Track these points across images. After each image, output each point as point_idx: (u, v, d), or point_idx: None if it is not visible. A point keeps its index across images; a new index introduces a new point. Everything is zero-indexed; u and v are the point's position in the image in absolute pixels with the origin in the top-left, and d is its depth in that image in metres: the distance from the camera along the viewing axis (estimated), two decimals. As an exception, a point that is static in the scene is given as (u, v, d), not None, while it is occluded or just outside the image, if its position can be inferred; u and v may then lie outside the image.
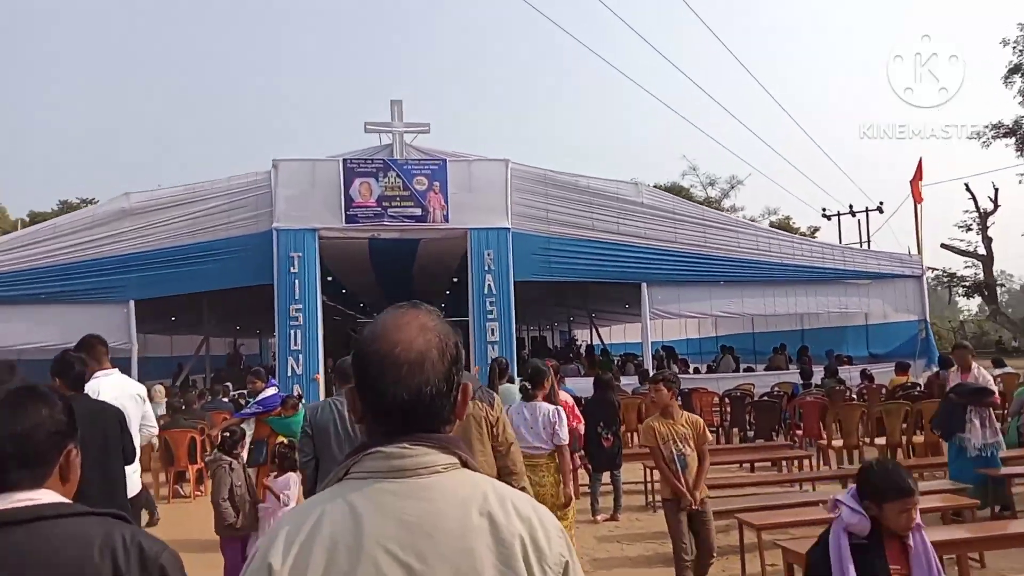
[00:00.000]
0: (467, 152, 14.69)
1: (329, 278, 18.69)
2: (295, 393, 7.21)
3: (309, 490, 4.41)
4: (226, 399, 12.13)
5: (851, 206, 31.52)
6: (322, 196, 13.86)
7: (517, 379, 7.63)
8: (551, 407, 5.27)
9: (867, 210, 30.62)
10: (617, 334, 31.30)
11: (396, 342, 1.12)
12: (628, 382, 13.23)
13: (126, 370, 14.36)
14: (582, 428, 6.58)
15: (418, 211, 13.93)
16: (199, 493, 9.12)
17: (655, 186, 19.97)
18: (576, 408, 6.65)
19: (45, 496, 1.36)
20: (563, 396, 6.22)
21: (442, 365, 1.13)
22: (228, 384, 14.65)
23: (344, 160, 13.89)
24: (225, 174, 14.30)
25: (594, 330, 20.49)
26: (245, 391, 12.79)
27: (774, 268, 14.88)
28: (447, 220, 14.03)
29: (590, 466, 7.61)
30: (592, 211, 14.60)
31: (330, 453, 4.17)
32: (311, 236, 13.82)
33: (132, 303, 13.74)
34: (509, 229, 14.23)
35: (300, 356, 13.54)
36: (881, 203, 30.50)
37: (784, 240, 15.04)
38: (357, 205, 13.81)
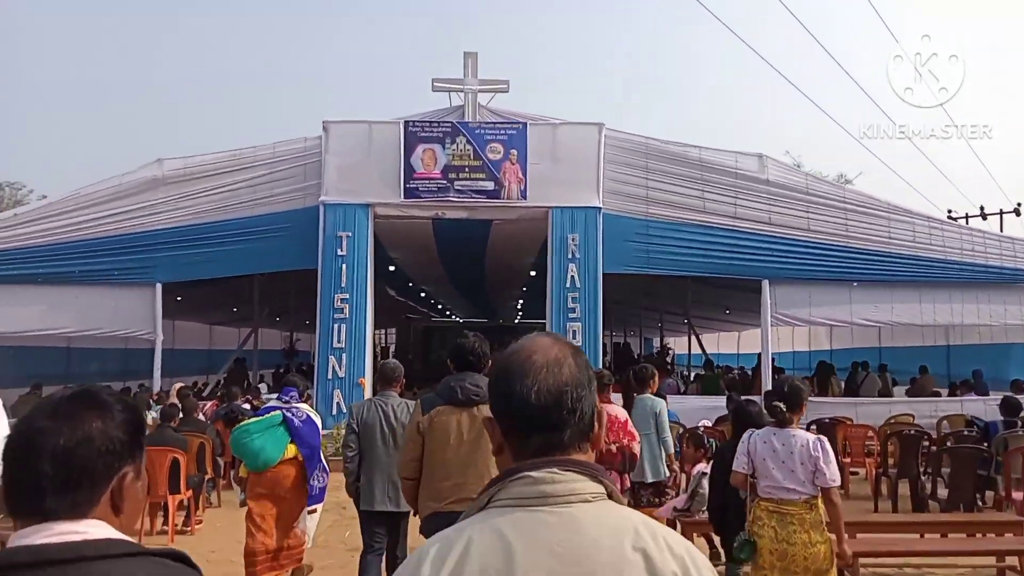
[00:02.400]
0: (551, 116, 12.19)
1: (392, 267, 16.60)
2: (242, 405, 4.83)
3: (352, 483, 4.69)
4: (248, 405, 10.02)
5: (982, 208, 27.53)
6: (378, 166, 11.66)
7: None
8: (811, 437, 4.01)
9: (1001, 212, 26.62)
10: (708, 344, 28.11)
11: (533, 350, 1.14)
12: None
13: (149, 362, 12.65)
14: (637, 447, 5.24)
15: (490, 185, 11.53)
16: (188, 529, 6.96)
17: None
18: (629, 424, 5.28)
19: (92, 529, 1.12)
20: (612, 409, 5.17)
21: (579, 372, 1.13)
22: (259, 387, 12.62)
23: (406, 123, 11.65)
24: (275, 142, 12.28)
25: (693, 337, 17.56)
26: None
27: (935, 266, 11.75)
28: (524, 196, 11.57)
29: (719, 547, 5.14)
30: (704, 189, 11.86)
31: (375, 450, 4.58)
32: (363, 212, 11.62)
33: (159, 286, 11.88)
34: (600, 209, 11.66)
35: (343, 356, 11.35)
36: (1020, 204, 26.50)
37: (951, 231, 11.89)
38: (419, 176, 11.53)
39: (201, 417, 8.83)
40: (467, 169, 11.51)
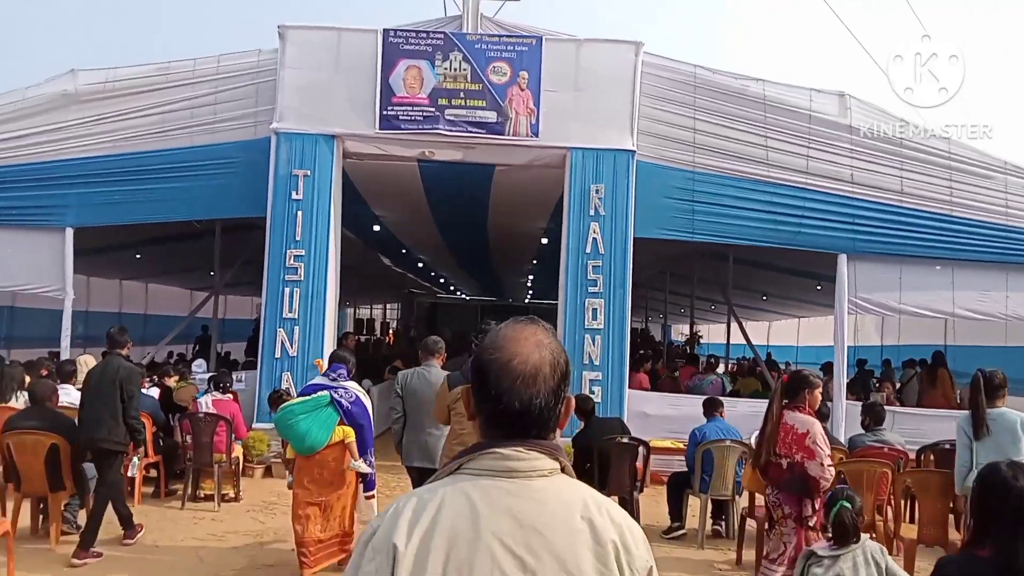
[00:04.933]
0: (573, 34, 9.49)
1: (376, 227, 14.03)
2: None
3: (398, 442, 5.30)
4: (157, 389, 7.52)
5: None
6: (348, 86, 9.03)
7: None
8: None
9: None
10: (718, 334, 25.38)
11: (514, 354, 1.23)
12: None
13: (57, 327, 10.17)
14: (817, 467, 4.04)
15: (492, 116, 8.88)
16: None
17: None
18: (808, 438, 4.10)
19: None
20: (793, 418, 4.27)
21: (552, 381, 1.23)
22: (196, 363, 10.13)
23: (385, 31, 9.00)
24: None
25: (734, 325, 14.75)
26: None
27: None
28: (536, 133, 8.92)
29: None
30: (768, 135, 9.18)
31: (418, 413, 5.17)
32: (327, 145, 9.02)
33: (69, 231, 9.37)
34: (632, 153, 9.01)
35: (296, 329, 8.80)
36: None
37: (1089, 200, 9.18)
38: (399, 102, 8.90)
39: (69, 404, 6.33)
40: (462, 94, 8.86)
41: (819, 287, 15.59)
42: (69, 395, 6.60)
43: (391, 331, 30.02)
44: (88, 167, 9.33)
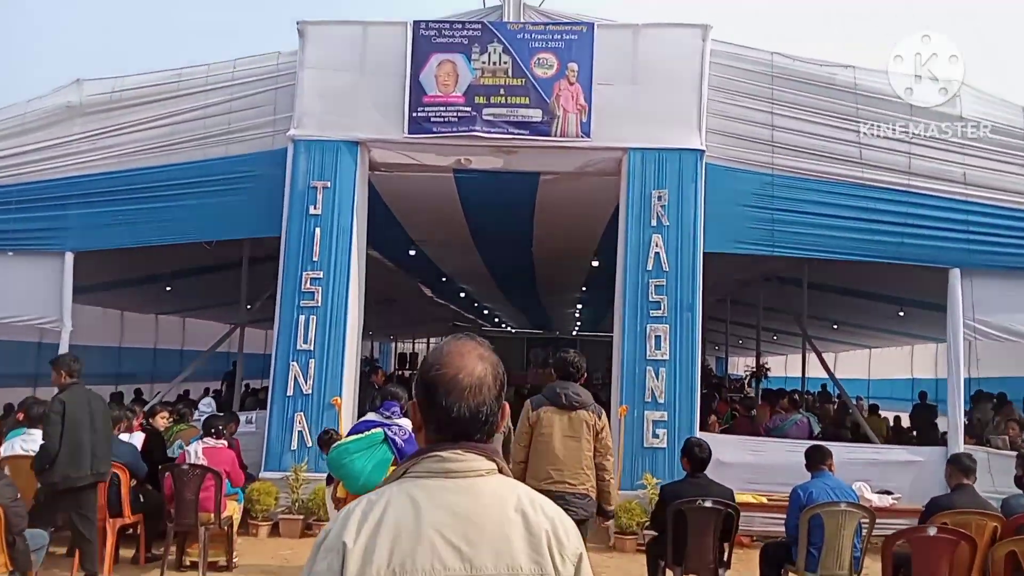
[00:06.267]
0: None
1: (412, 252, 12.95)
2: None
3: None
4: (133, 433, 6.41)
5: None
6: (373, 87, 7.99)
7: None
8: None
9: None
10: (778, 366, 23.49)
11: (459, 368, 1.36)
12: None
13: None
14: None
15: (537, 114, 7.71)
16: None
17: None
18: None
19: None
20: None
21: (495, 390, 1.37)
22: (204, 402, 9.07)
23: (416, 24, 7.95)
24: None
25: (808, 356, 13.04)
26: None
27: None
28: (586, 133, 7.71)
29: None
30: (860, 130, 7.81)
31: None
32: (350, 153, 7.95)
33: (69, 256, 8.45)
34: (701, 153, 7.73)
35: (311, 363, 7.65)
36: None
37: None
38: (431, 101, 7.80)
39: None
40: (502, 91, 7.72)
41: (901, 313, 13.94)
42: (36, 441, 5.53)
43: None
44: (90, 185, 8.45)
